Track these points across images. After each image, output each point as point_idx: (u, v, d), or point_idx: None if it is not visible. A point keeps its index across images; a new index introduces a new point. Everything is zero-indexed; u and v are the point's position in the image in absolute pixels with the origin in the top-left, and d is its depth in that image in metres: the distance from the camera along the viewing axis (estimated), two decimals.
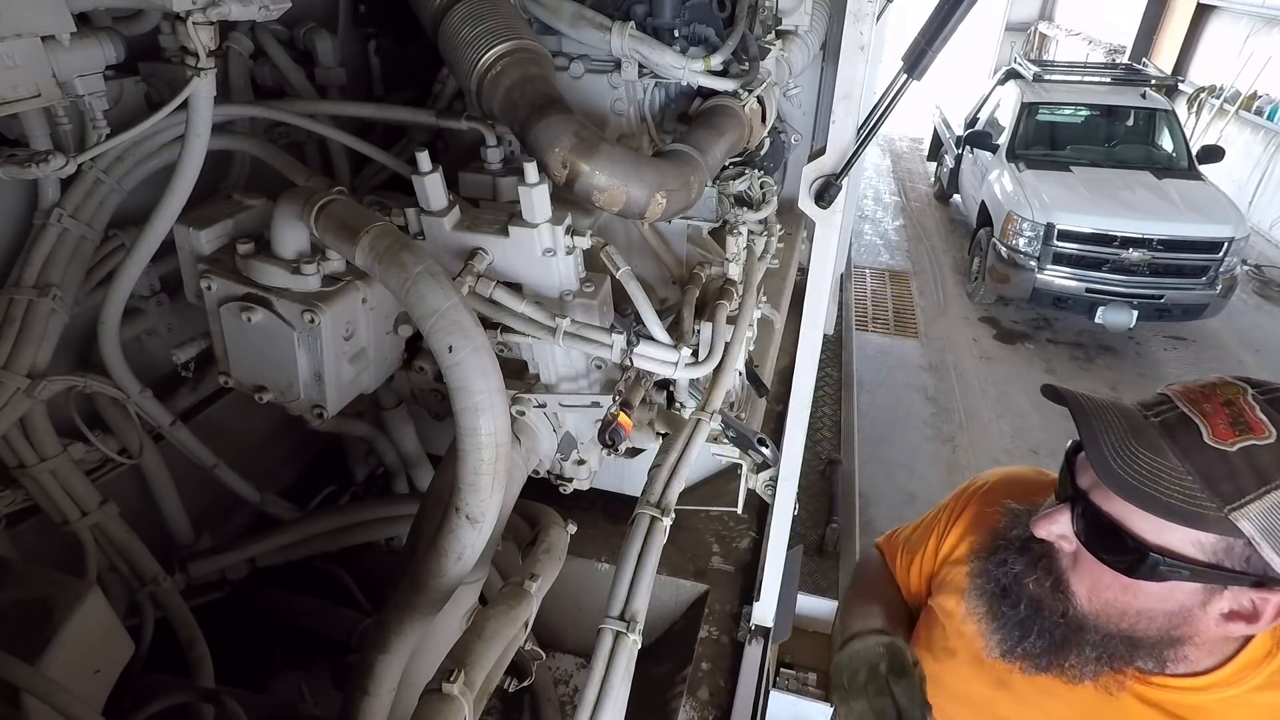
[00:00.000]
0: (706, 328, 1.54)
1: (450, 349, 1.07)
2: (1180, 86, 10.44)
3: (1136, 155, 6.65)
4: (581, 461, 1.68)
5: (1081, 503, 0.91)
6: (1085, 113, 6.97)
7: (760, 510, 2.50)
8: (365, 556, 2.12)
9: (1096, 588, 0.92)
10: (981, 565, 1.06)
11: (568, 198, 1.39)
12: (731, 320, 1.60)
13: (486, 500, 1.15)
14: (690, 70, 1.64)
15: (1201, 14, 10.67)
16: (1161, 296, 5.59)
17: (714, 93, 1.71)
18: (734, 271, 1.72)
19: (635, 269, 1.47)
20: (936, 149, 9.41)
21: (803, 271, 1.85)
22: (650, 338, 1.46)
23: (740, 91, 1.70)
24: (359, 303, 1.42)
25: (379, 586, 2.09)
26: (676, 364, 1.46)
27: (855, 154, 1.41)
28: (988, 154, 6.91)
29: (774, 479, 1.93)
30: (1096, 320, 5.67)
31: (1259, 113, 8.80)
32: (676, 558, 2.38)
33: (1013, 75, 7.52)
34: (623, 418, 1.43)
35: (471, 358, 1.07)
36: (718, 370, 1.54)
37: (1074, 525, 0.92)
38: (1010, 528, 1.04)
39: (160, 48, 1.51)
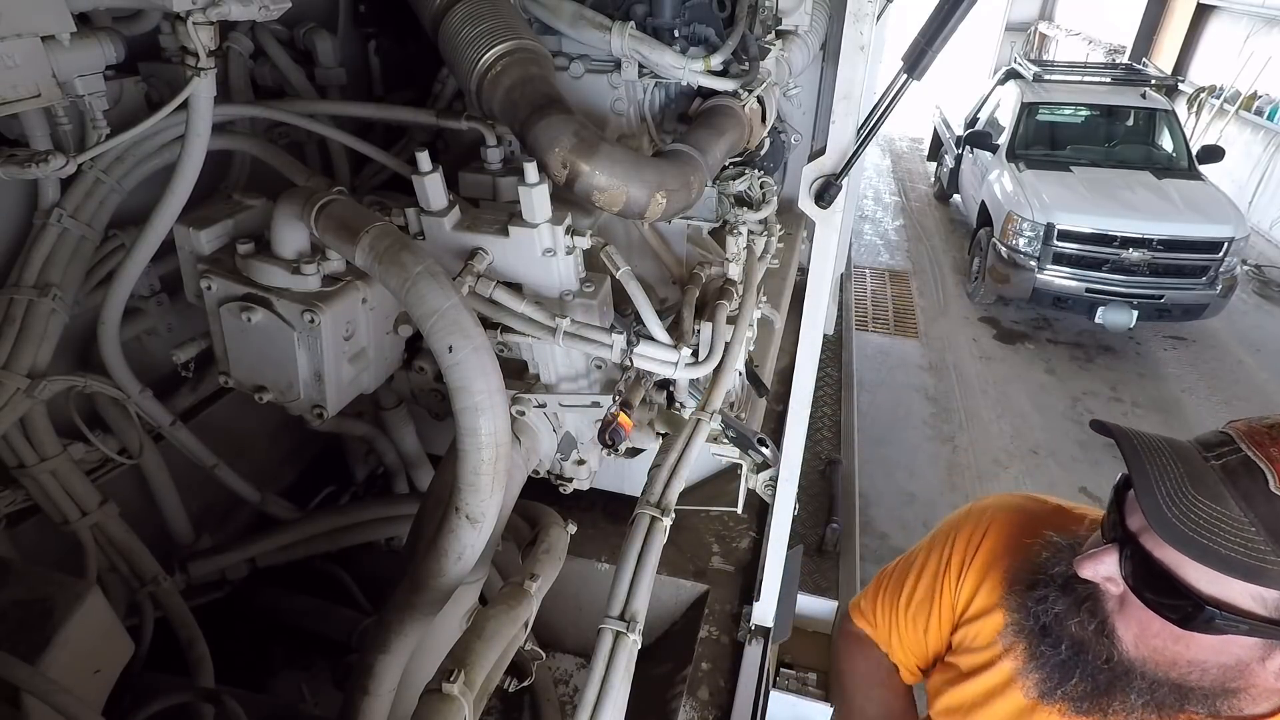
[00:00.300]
0: (706, 328, 1.54)
1: (450, 349, 1.07)
2: (1180, 86, 10.44)
3: (1136, 155, 6.65)
4: (581, 461, 1.68)
5: (1131, 545, 0.84)
6: (1085, 113, 6.97)
7: (760, 510, 2.50)
8: (365, 556, 2.12)
9: (1144, 635, 0.86)
10: (1019, 600, 1.00)
11: (568, 198, 1.39)
12: (731, 320, 1.61)
13: (486, 500, 1.15)
14: (690, 70, 1.64)
15: (1201, 14, 10.67)
16: (1161, 296, 5.58)
17: (714, 93, 1.72)
18: (734, 271, 1.72)
19: (635, 269, 1.47)
20: (936, 149, 9.41)
21: (803, 271, 1.85)
22: (650, 338, 1.46)
23: (740, 91, 1.70)
24: (359, 303, 1.42)
25: (379, 586, 2.09)
26: (676, 364, 1.46)
27: (855, 154, 1.41)
28: (988, 154, 6.91)
29: (774, 479, 1.93)
30: (1096, 320, 5.66)
31: (1259, 113, 8.80)
32: (676, 558, 2.38)
33: (1013, 75, 7.51)
34: (623, 418, 1.43)
35: (471, 358, 1.07)
36: (718, 370, 1.54)
37: (1122, 568, 0.86)
38: (1052, 563, 0.97)
39: (160, 48, 1.51)
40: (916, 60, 1.25)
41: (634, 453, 1.83)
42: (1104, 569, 0.87)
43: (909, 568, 1.24)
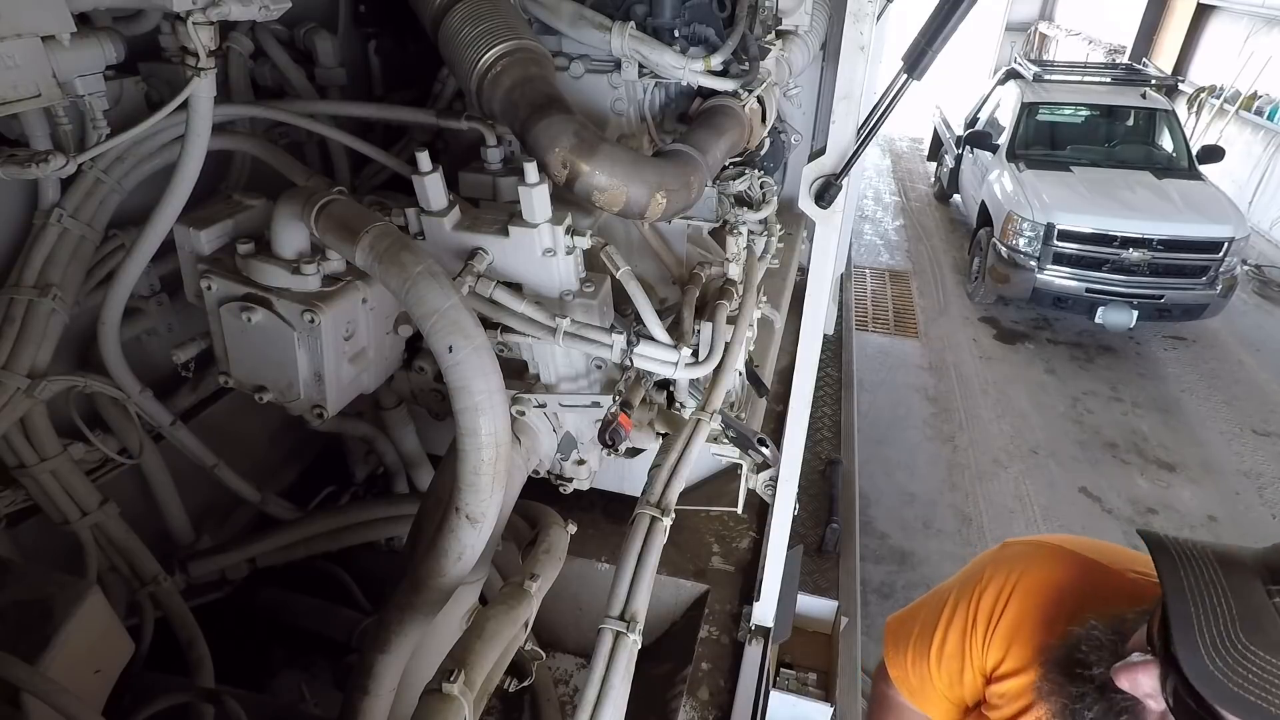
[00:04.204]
0: (706, 328, 1.54)
1: (450, 349, 1.07)
2: (1180, 86, 10.44)
3: (1136, 155, 6.65)
4: (581, 461, 1.68)
5: (1174, 674, 0.74)
6: (1085, 113, 6.97)
7: (760, 510, 2.50)
8: (365, 556, 2.12)
9: None
10: (1055, 686, 0.93)
11: (568, 198, 1.39)
12: (731, 320, 1.61)
13: (486, 500, 1.15)
14: (690, 70, 1.64)
15: (1201, 14, 10.67)
16: (1161, 296, 5.58)
17: (714, 93, 1.71)
18: (734, 271, 1.72)
19: (635, 269, 1.47)
20: (936, 149, 9.41)
21: (803, 271, 1.85)
22: (650, 338, 1.46)
23: (740, 91, 1.70)
24: (359, 303, 1.42)
25: (379, 586, 2.09)
26: (676, 364, 1.46)
27: (855, 154, 1.41)
28: (988, 154, 6.91)
29: (774, 479, 1.93)
30: (1096, 320, 5.66)
31: (1259, 113, 8.80)
32: (676, 558, 2.38)
33: (1013, 75, 7.51)
34: (623, 417, 1.43)
35: (471, 358, 1.07)
36: (718, 370, 1.54)
37: (1164, 689, 0.77)
38: (1092, 659, 0.88)
39: (160, 48, 1.51)
40: (916, 60, 1.25)
41: (634, 453, 1.83)
42: (1144, 686, 0.80)
43: (938, 617, 1.17)
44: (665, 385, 1.69)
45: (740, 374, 1.96)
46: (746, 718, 1.95)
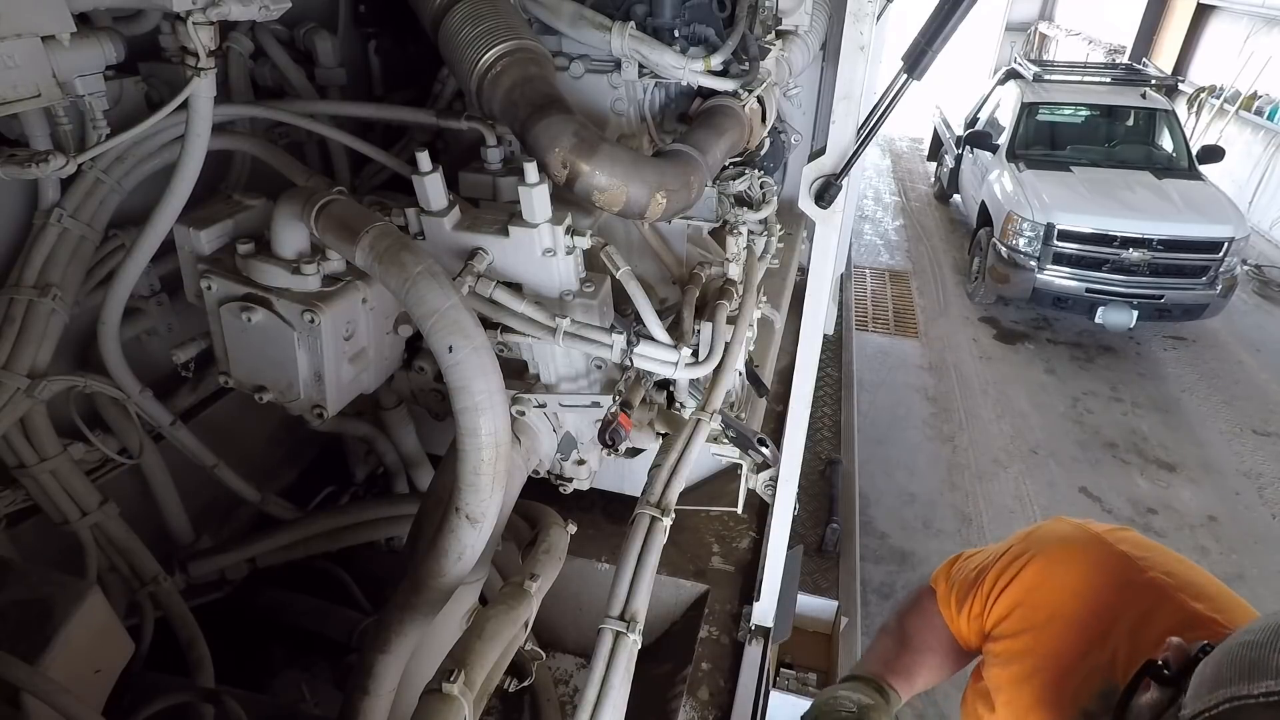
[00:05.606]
0: (706, 328, 1.54)
1: (450, 349, 1.07)
2: (1180, 86, 10.43)
3: (1136, 155, 6.65)
4: (581, 461, 1.68)
5: None
6: (1085, 113, 6.97)
7: (760, 510, 2.50)
8: (365, 556, 2.12)
9: None
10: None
11: (568, 198, 1.39)
12: (731, 320, 1.61)
13: (486, 500, 1.15)
14: (690, 70, 1.64)
15: (1201, 14, 10.67)
16: (1161, 296, 5.58)
17: (714, 93, 1.71)
18: (734, 271, 1.72)
19: (635, 269, 1.47)
20: (936, 149, 9.41)
21: (803, 271, 1.85)
22: (650, 338, 1.46)
23: (740, 91, 1.70)
24: (359, 303, 1.42)
25: (379, 586, 2.09)
26: (676, 364, 1.46)
27: (855, 154, 1.41)
28: (988, 154, 6.91)
29: (774, 479, 1.93)
30: (1096, 320, 5.66)
31: (1259, 113, 8.80)
32: (676, 558, 2.38)
33: (1013, 75, 7.52)
34: (623, 417, 1.43)
35: (471, 358, 1.07)
36: (718, 370, 1.54)
37: None
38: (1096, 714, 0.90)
39: (160, 48, 1.51)
40: (916, 60, 1.25)
41: (634, 453, 1.83)
42: None
43: (980, 565, 1.21)
44: (665, 385, 1.69)
45: (740, 374, 1.96)
46: (746, 718, 1.95)
